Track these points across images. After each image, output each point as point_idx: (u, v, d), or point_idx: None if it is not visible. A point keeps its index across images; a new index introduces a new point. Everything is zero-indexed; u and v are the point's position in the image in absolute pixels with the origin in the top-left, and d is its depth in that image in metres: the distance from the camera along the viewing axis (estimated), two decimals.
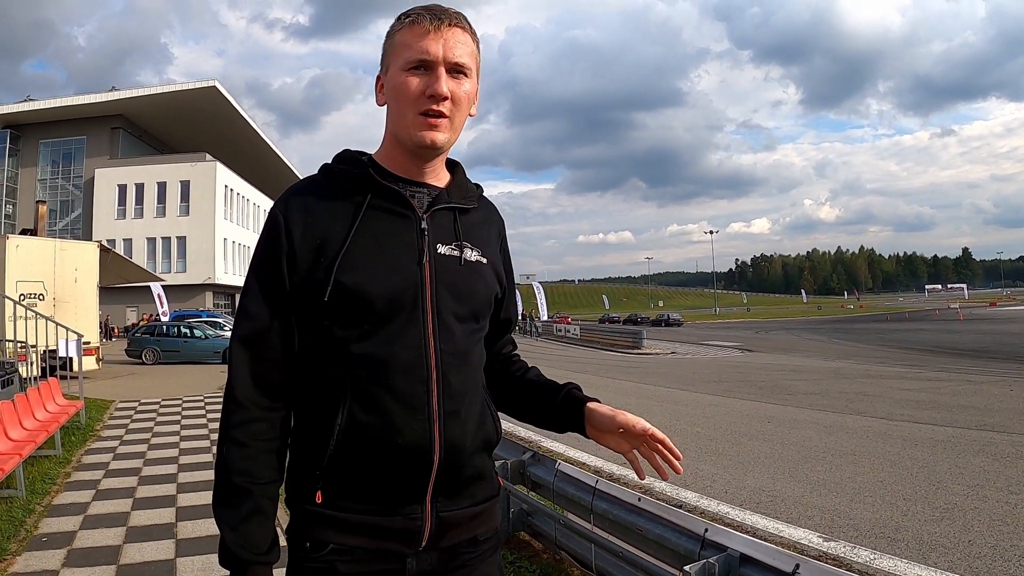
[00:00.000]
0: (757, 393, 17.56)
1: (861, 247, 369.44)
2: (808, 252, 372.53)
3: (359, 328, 1.67)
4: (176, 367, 26.41)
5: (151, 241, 58.75)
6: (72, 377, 14.43)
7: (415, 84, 1.68)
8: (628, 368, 26.75)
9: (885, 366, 25.27)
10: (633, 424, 1.77)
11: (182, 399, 16.43)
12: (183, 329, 29.99)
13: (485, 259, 1.86)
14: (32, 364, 14.92)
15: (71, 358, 14.80)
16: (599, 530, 4.89)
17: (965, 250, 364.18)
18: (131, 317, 52.73)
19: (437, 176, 1.85)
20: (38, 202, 29.56)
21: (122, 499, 7.90)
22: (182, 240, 58.99)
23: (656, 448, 1.78)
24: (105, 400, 15.89)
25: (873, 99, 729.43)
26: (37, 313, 15.50)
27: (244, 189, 66.63)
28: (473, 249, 1.83)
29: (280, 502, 1.75)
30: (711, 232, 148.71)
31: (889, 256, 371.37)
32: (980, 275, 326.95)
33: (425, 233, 1.75)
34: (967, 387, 18.13)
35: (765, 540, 6.08)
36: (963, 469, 9.10)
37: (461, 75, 1.72)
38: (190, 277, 58.12)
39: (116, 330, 49.85)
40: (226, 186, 61.54)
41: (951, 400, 15.50)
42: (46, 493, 8.11)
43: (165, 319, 39.04)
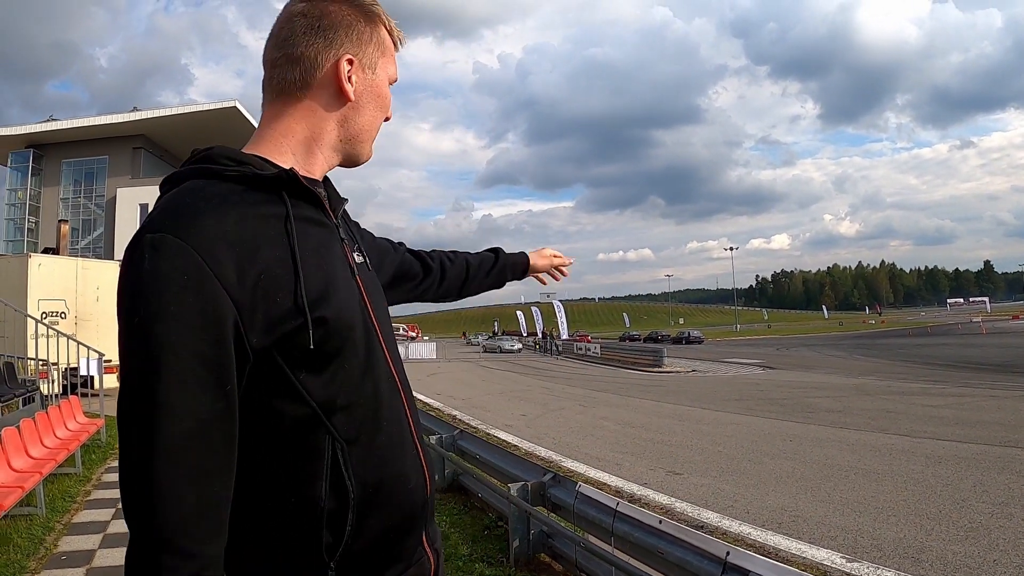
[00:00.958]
0: (779, 411, 17.42)
1: (882, 262, 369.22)
2: (829, 267, 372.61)
3: (338, 370, 1.33)
4: None
5: None
6: (93, 394, 14.48)
7: (390, 102, 1.56)
8: (649, 387, 26.58)
9: (907, 382, 25.06)
10: (554, 253, 2.50)
11: None
12: None
13: (363, 256, 1.59)
14: (53, 382, 14.95)
15: (92, 376, 14.87)
16: (620, 553, 4.85)
17: (987, 263, 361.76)
18: None
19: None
20: (60, 221, 29.76)
21: None
22: None
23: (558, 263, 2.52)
24: None
25: (891, 112, 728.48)
26: (58, 331, 15.54)
27: None
28: (362, 253, 1.59)
29: None
30: (731, 249, 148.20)
31: (910, 270, 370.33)
32: (1002, 288, 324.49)
33: (343, 241, 1.48)
34: (991, 402, 17.98)
35: (787, 561, 6.04)
36: (987, 487, 8.98)
37: None
38: None
39: None
40: None
41: (975, 416, 15.35)
42: (66, 511, 8.12)
43: None
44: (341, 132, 1.49)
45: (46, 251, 24.78)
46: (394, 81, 1.56)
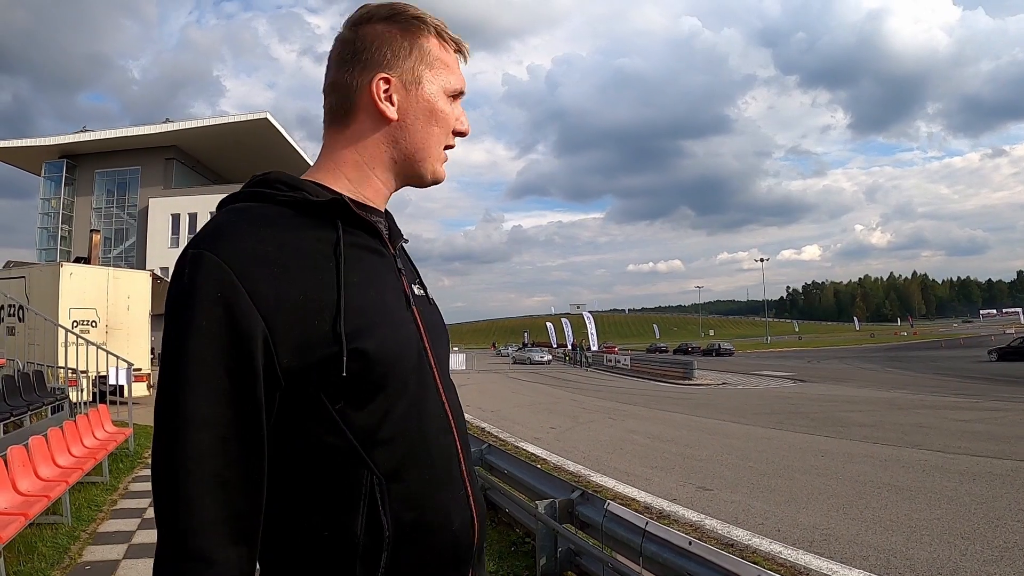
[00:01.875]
0: (810, 425, 17.24)
1: (914, 272, 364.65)
2: (860, 278, 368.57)
3: (381, 404, 1.26)
4: None
5: None
6: (122, 402, 14.57)
7: (452, 115, 1.47)
8: (679, 399, 26.47)
9: (940, 396, 24.78)
10: None
11: None
12: None
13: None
14: (83, 390, 15.04)
15: (122, 386, 14.97)
16: (648, 574, 4.76)
17: (1020, 273, 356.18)
18: None
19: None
20: (92, 231, 30.07)
21: None
22: None
23: None
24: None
25: (922, 121, 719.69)
26: (88, 341, 15.66)
27: None
28: (423, 287, 1.56)
29: None
30: (762, 260, 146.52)
31: (943, 281, 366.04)
32: None
33: (401, 272, 1.44)
34: None
35: None
36: (1023, 505, 8.79)
37: None
38: None
39: None
40: None
41: (1009, 431, 15.12)
42: (92, 520, 8.15)
43: None
44: (394, 153, 1.45)
45: (78, 260, 25.03)
46: (456, 91, 1.48)
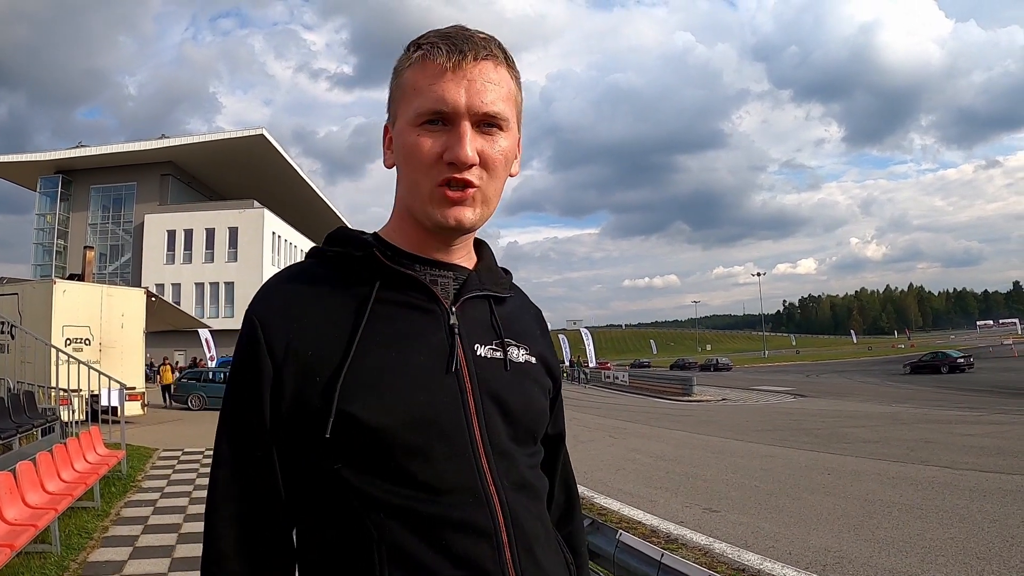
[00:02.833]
0: (814, 442, 17.07)
1: (910, 285, 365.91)
2: (856, 291, 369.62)
3: (383, 470, 1.20)
4: None
5: (199, 286, 59.53)
6: (115, 422, 14.38)
7: (429, 145, 1.25)
8: (679, 416, 26.39)
9: (944, 409, 24.62)
10: None
11: None
12: None
13: (534, 357, 1.44)
14: (75, 411, 14.84)
15: (115, 406, 14.79)
16: None
17: (1016, 283, 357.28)
18: (180, 361, 53.22)
19: (465, 256, 1.42)
20: (86, 248, 29.93)
21: (160, 558, 7.67)
22: (230, 286, 59.54)
23: None
24: (148, 448, 15.81)
25: (916, 134, 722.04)
26: (79, 361, 15.47)
27: (292, 236, 67.46)
28: (519, 346, 1.41)
29: None
30: (758, 274, 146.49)
31: (939, 293, 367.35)
32: None
33: (456, 330, 1.31)
34: None
35: None
36: None
37: (494, 128, 1.28)
38: (238, 323, 57.59)
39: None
40: (274, 233, 62.29)
41: (1017, 445, 14.95)
42: (81, 548, 7.92)
43: (212, 364, 39.34)
44: (402, 196, 1.36)
45: (71, 277, 24.96)
46: (428, 113, 1.26)
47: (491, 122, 1.27)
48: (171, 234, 59.28)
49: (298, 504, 1.27)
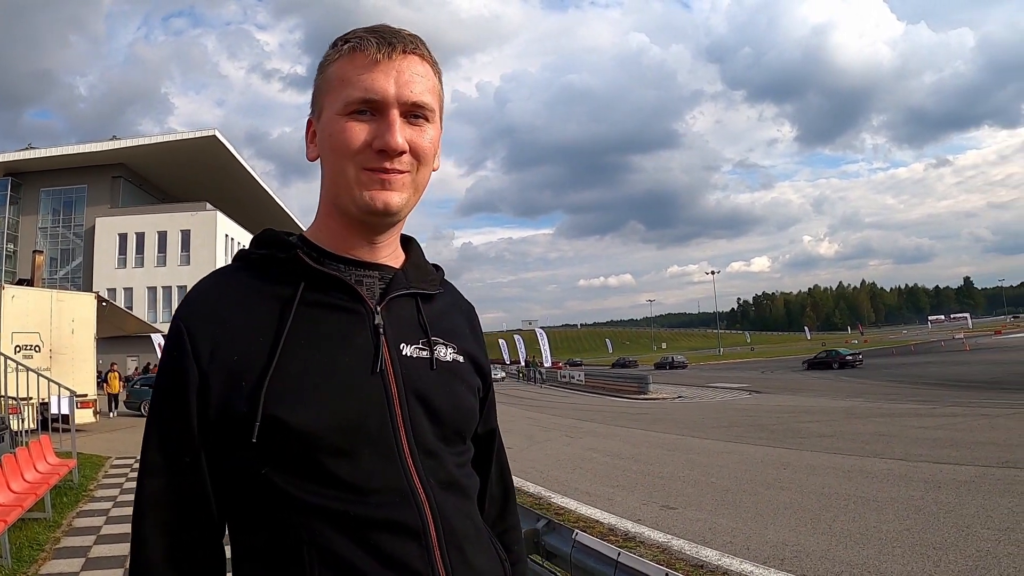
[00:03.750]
0: (769, 437, 17.26)
1: (862, 281, 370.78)
2: (809, 288, 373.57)
3: (310, 473, 1.21)
4: None
5: (152, 290, 58.68)
6: (66, 430, 14.16)
7: (358, 133, 1.27)
8: (636, 415, 26.53)
9: (897, 403, 25.00)
10: None
11: None
12: None
13: (463, 356, 1.45)
14: (24, 420, 14.59)
15: (65, 414, 14.58)
16: None
17: (966, 279, 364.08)
18: (132, 367, 52.56)
19: (391, 255, 1.43)
20: (34, 252, 29.42)
21: (113, 569, 7.56)
22: (183, 289, 58.49)
23: None
24: (100, 456, 15.58)
25: (867, 133, 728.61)
26: (29, 368, 15.22)
27: (245, 238, 66.65)
28: (447, 345, 1.42)
29: None
30: (712, 272, 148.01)
31: (891, 289, 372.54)
32: (983, 304, 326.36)
33: (381, 330, 1.32)
34: (983, 422, 17.92)
35: None
36: (991, 511, 8.79)
37: (421, 119, 1.32)
38: None
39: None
40: (227, 235, 61.59)
41: (969, 437, 15.24)
42: (33, 561, 7.77)
43: None
44: (328, 193, 1.36)
45: (20, 282, 24.49)
46: (357, 102, 1.28)
47: (419, 112, 1.30)
48: (123, 237, 58.47)
49: (228, 510, 1.28)
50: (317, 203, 1.39)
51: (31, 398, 15.07)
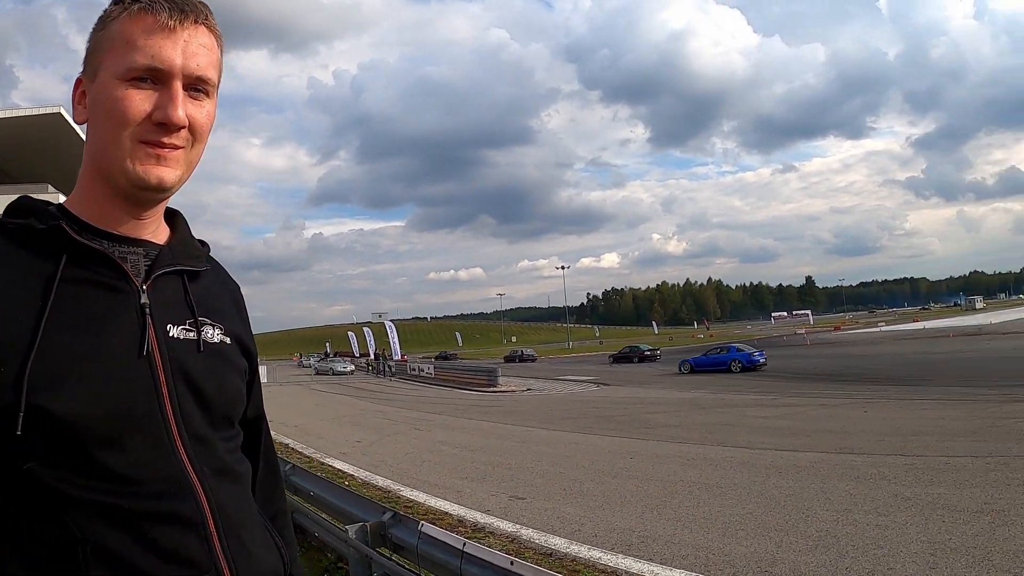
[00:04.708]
0: (617, 428, 17.54)
1: (709, 278, 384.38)
2: (658, 285, 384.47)
3: (79, 465, 1.09)
4: None
5: None
6: None
7: (138, 103, 1.17)
8: (486, 408, 26.55)
9: (740, 394, 25.69)
10: None
11: None
12: None
13: (229, 337, 1.36)
14: None
15: None
16: None
17: (808, 279, 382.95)
18: None
19: (155, 230, 1.32)
20: None
21: None
22: None
23: None
24: None
25: (718, 138, 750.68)
26: None
27: None
28: (214, 325, 1.33)
29: None
30: (562, 267, 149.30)
31: (736, 286, 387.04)
32: (823, 302, 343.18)
33: (147, 310, 1.22)
34: (822, 411, 18.63)
35: None
36: (830, 494, 9.11)
37: (201, 94, 1.23)
38: None
39: None
40: None
41: (809, 425, 15.81)
42: None
43: None
44: (94, 160, 1.23)
45: None
46: (141, 69, 1.17)
47: (201, 87, 1.23)
48: None
49: None
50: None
51: None
